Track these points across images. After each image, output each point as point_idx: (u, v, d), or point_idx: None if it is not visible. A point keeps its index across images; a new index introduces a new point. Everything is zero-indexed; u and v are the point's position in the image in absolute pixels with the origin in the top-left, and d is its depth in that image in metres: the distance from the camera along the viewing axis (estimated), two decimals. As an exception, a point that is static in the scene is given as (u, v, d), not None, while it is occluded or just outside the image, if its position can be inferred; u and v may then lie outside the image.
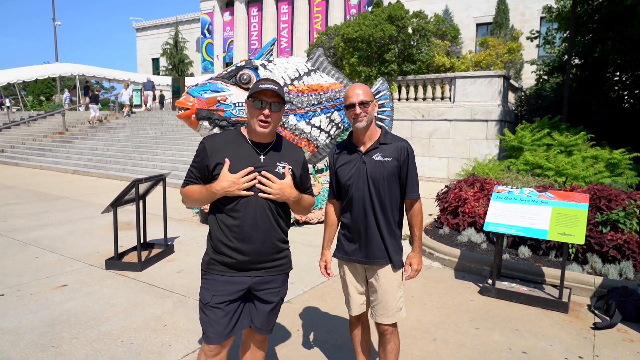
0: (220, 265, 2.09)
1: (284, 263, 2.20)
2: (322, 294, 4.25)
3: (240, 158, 2.03)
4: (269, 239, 2.09)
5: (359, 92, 2.32)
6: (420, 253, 2.43)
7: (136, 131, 17.33)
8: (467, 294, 4.40)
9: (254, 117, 2.03)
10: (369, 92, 2.35)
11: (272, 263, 2.14)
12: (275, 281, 2.18)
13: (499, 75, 11.67)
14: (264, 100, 2.02)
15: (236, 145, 2.08)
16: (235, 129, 2.15)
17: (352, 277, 2.49)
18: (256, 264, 2.10)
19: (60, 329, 3.50)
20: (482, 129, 11.66)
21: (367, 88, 2.37)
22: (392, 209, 2.37)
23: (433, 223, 6.57)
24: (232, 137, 2.11)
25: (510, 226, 4.33)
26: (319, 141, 6.96)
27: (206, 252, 2.17)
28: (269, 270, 2.14)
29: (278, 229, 2.14)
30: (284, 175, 2.08)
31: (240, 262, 2.08)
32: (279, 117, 2.08)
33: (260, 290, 2.15)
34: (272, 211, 2.09)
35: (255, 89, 2.03)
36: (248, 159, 2.04)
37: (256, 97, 2.02)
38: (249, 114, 2.07)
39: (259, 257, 2.09)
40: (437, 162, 12.39)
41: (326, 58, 7.42)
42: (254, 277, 2.11)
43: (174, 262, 5.21)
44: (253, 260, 2.09)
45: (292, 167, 2.13)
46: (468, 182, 6.43)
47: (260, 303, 2.18)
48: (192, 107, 5.76)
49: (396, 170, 2.34)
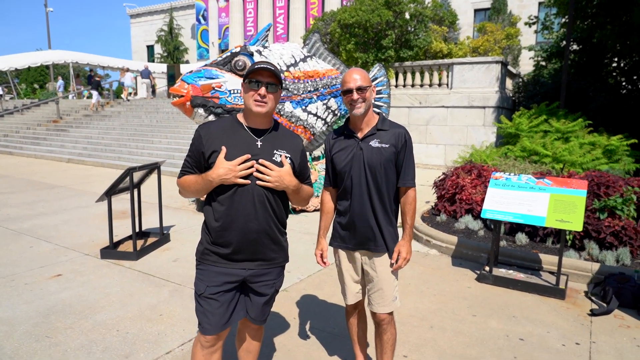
0: (214, 256, 2.05)
1: (280, 256, 2.14)
2: (319, 282, 4.23)
3: (236, 145, 1.97)
4: (265, 230, 2.04)
5: (356, 77, 2.26)
6: (410, 242, 2.38)
7: (131, 119, 17.18)
8: (464, 281, 4.39)
9: (250, 98, 1.98)
10: (367, 77, 2.29)
11: (268, 254, 2.09)
12: (271, 274, 2.13)
13: (496, 62, 11.58)
14: (260, 80, 1.97)
15: (232, 131, 2.02)
16: (231, 116, 2.10)
17: (348, 265, 2.45)
18: (251, 256, 2.05)
19: (55, 319, 3.47)
20: (480, 116, 11.61)
21: (364, 73, 2.30)
22: (388, 197, 2.33)
23: (430, 210, 6.55)
24: (228, 123, 2.05)
25: (508, 213, 4.30)
26: (315, 128, 6.89)
27: (200, 241, 2.11)
28: (264, 262, 2.09)
29: (275, 219, 2.08)
30: (282, 163, 2.02)
31: (234, 254, 2.03)
32: (276, 99, 2.02)
33: (254, 282, 2.10)
34: (269, 201, 2.03)
35: (251, 70, 1.98)
36: (244, 145, 1.98)
37: (252, 78, 1.97)
38: (244, 97, 2.02)
39: (255, 249, 2.04)
40: (435, 149, 12.35)
41: (322, 44, 7.32)
42: (248, 270, 2.07)
43: (170, 251, 5.18)
44: (248, 252, 2.04)
45: (291, 155, 2.07)
46: (465, 169, 6.40)
47: (254, 295, 2.14)
48: (187, 95, 5.68)
49: (393, 156, 2.29)
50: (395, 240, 2.37)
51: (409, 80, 12.97)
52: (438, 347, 3.13)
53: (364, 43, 13.33)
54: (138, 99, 21.38)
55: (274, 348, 3.08)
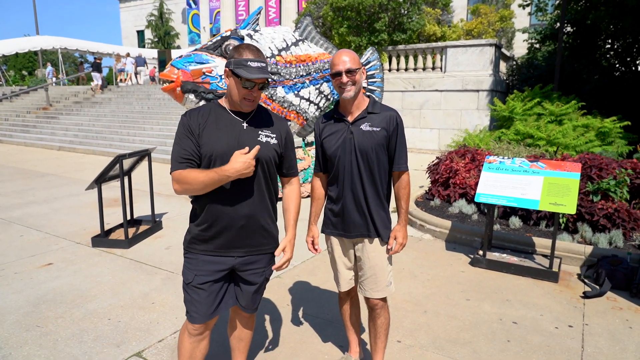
0: (202, 244, 2.00)
1: (269, 242, 2.10)
2: (313, 268, 4.21)
3: (221, 128, 1.93)
4: (255, 215, 1.99)
5: (345, 59, 2.18)
6: (406, 227, 2.35)
7: (122, 106, 16.95)
8: (458, 265, 4.39)
9: (239, 94, 1.92)
10: (356, 59, 2.21)
11: (256, 241, 2.04)
12: (260, 261, 2.09)
13: (490, 44, 11.48)
14: (252, 82, 1.91)
15: (215, 116, 1.97)
16: (212, 103, 2.02)
17: (340, 252, 2.41)
18: (239, 243, 2.01)
19: (46, 308, 3.42)
20: (474, 100, 11.55)
21: (354, 54, 2.22)
22: (380, 181, 2.28)
23: (424, 195, 6.53)
24: (213, 108, 1.99)
25: (502, 197, 4.28)
26: (308, 113, 6.81)
27: (188, 230, 2.06)
28: (253, 249, 2.05)
29: (266, 204, 2.04)
30: (267, 143, 1.98)
31: (222, 240, 1.99)
32: (260, 95, 2.00)
33: (243, 271, 2.07)
34: (259, 185, 1.98)
35: (246, 70, 1.88)
36: (229, 127, 1.94)
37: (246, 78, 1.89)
38: (232, 88, 1.94)
39: (243, 235, 1.99)
40: (428, 133, 12.29)
41: (314, 27, 7.19)
42: (237, 258, 2.03)
43: (162, 239, 5.13)
44: (236, 238, 1.99)
45: (275, 135, 2.02)
46: (459, 153, 6.36)
47: (244, 284, 2.11)
48: (177, 80, 5.56)
49: (385, 140, 2.24)
50: (388, 225, 2.34)
51: (403, 64, 12.85)
52: (432, 332, 3.13)
53: (356, 26, 13.16)
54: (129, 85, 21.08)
55: (267, 335, 3.06)
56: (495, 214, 5.28)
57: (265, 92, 6.21)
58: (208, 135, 1.91)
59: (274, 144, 2.01)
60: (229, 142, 1.92)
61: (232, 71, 1.90)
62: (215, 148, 1.90)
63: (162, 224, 5.60)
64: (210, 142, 1.90)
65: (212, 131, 1.92)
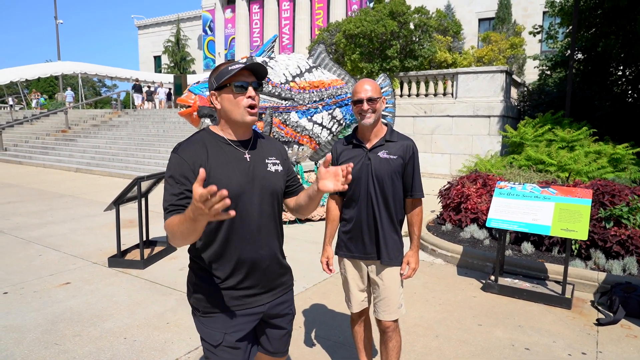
0: (225, 300, 1.72)
1: (289, 277, 1.92)
2: (325, 291, 4.25)
3: (225, 163, 1.68)
4: (274, 254, 1.80)
5: (367, 87, 2.30)
6: (418, 252, 2.44)
7: (138, 129, 17.34)
8: (470, 290, 4.39)
9: (238, 105, 1.68)
10: (378, 89, 2.32)
11: (280, 280, 1.86)
12: (287, 301, 1.90)
13: (501, 71, 11.61)
14: (244, 81, 1.69)
15: (216, 149, 1.70)
16: (205, 132, 1.77)
17: (353, 274, 2.48)
18: (266, 288, 1.80)
19: (63, 327, 3.50)
20: (485, 125, 11.62)
21: (375, 84, 2.34)
22: (394, 207, 2.36)
23: (435, 219, 6.56)
24: (207, 140, 1.72)
25: (513, 222, 4.31)
26: (320, 138, 6.94)
27: (197, 288, 1.74)
28: (278, 290, 1.85)
29: (281, 237, 1.87)
30: (276, 172, 1.79)
31: (248, 290, 1.75)
32: (258, 99, 1.76)
33: (274, 317, 1.86)
34: (275, 220, 1.81)
35: (228, 73, 1.67)
36: (234, 161, 1.70)
37: (236, 82, 1.68)
38: (227, 108, 1.70)
39: (268, 278, 1.80)
40: (440, 158, 12.35)
41: (328, 54, 7.39)
42: (266, 304, 1.81)
43: (176, 260, 5.22)
44: (262, 284, 1.79)
45: (280, 161, 1.84)
46: (470, 178, 6.41)
47: (273, 329, 1.89)
48: (194, 105, 5.76)
49: (401, 168, 2.34)
50: (400, 249, 2.40)
51: (414, 90, 13.02)
52: (443, 357, 3.13)
53: (369, 53, 13.43)
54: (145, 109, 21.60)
55: (280, 356, 3.09)
56: (507, 239, 5.28)
57: (280, 118, 6.37)
58: (214, 176, 1.64)
59: (281, 172, 1.82)
60: (240, 182, 1.68)
61: (218, 87, 1.70)
62: (219, 183, 1.63)
63: (176, 245, 5.69)
64: (219, 184, 1.59)
65: (218, 170, 1.65)
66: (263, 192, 1.73)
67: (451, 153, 12.16)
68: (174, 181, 1.62)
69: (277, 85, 6.34)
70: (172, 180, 1.62)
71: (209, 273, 1.71)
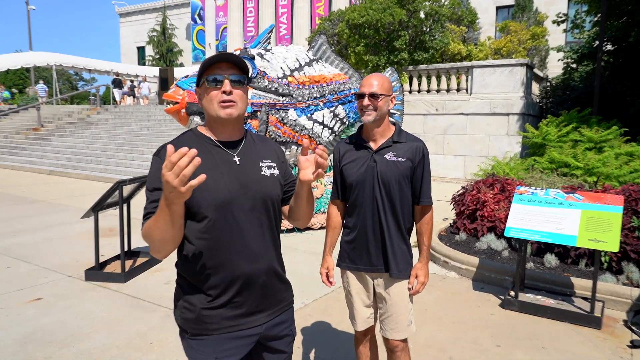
0: (215, 321, 1.69)
1: (289, 294, 1.89)
2: (326, 307, 4.24)
3: (212, 167, 1.67)
4: (273, 267, 1.78)
5: (373, 82, 2.32)
6: (428, 264, 2.44)
7: (120, 127, 17.40)
8: (487, 307, 4.38)
9: (212, 101, 1.68)
10: (386, 86, 2.33)
11: (279, 297, 1.83)
12: (287, 320, 1.87)
13: (521, 64, 11.65)
14: (218, 74, 1.68)
15: (202, 150, 1.66)
16: (191, 132, 1.78)
17: (357, 288, 2.47)
18: (263, 306, 1.78)
19: (34, 348, 3.49)
20: (503, 124, 11.64)
21: (385, 80, 2.35)
22: (402, 214, 2.37)
23: (448, 228, 6.56)
24: (193, 141, 1.72)
25: (535, 231, 4.30)
26: (321, 138, 6.96)
27: (186, 305, 1.72)
28: (277, 309, 1.82)
29: (279, 249, 1.84)
30: (271, 177, 1.78)
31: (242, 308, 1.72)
32: (245, 95, 1.74)
33: (272, 339, 1.83)
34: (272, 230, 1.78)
35: (204, 66, 1.70)
36: (222, 165, 1.69)
37: (208, 75, 1.68)
38: (204, 105, 1.73)
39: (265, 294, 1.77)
40: (453, 160, 12.37)
41: (329, 46, 7.43)
42: (263, 325, 1.78)
43: (161, 273, 5.21)
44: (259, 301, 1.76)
45: (276, 164, 1.83)
46: (487, 182, 6.41)
47: (271, 354, 1.85)
48: (182, 101, 5.77)
49: (409, 172, 2.34)
50: (409, 260, 2.40)
51: (425, 85, 13.07)
52: (458, 381, 3.12)
53: (374, 45, 13.48)
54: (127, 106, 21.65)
55: (276, 381, 3.08)
56: (529, 250, 5.27)
57: (277, 116, 6.38)
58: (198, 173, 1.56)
59: (277, 176, 1.80)
60: (229, 188, 1.66)
61: (198, 83, 1.74)
62: (213, 197, 1.63)
63: (161, 256, 5.69)
64: (205, 190, 1.60)
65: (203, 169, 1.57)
66: (256, 199, 1.71)
67: (465, 155, 12.18)
68: (150, 191, 1.63)
69: (274, 80, 6.36)
70: (151, 185, 1.63)
71: (197, 290, 1.69)
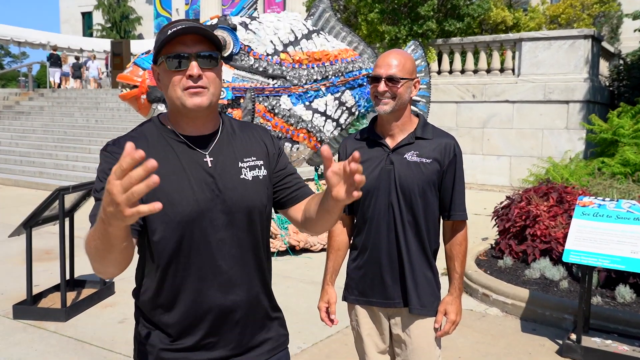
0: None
1: (279, 334, 1.88)
2: (329, 353, 4.26)
3: (176, 171, 1.65)
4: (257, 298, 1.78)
5: (392, 61, 2.31)
6: (460, 298, 2.44)
7: (59, 118, 17.43)
8: (541, 354, 4.40)
9: (175, 87, 1.64)
10: (408, 66, 2.33)
11: (261, 338, 1.81)
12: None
13: (585, 36, 11.68)
14: (183, 51, 1.62)
15: (163, 147, 1.68)
16: (152, 122, 1.76)
17: (369, 328, 2.49)
18: (240, 349, 1.76)
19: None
20: (561, 115, 11.67)
21: (407, 59, 2.35)
22: (427, 231, 2.38)
23: (489, 251, 6.58)
24: (153, 135, 1.71)
25: (603, 256, 4.32)
26: (323, 133, 6.98)
27: (143, 347, 1.76)
28: (261, 355, 1.81)
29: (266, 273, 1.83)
30: (255, 181, 1.75)
31: (212, 351, 1.72)
32: (218, 77, 1.70)
33: None
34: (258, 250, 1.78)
35: (162, 39, 1.63)
36: (189, 167, 1.67)
37: (168, 53, 1.63)
38: (164, 88, 1.69)
39: (242, 333, 1.75)
40: (495, 162, 12.39)
41: (334, 13, 7.46)
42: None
43: (115, 308, 5.23)
44: (232, 341, 1.74)
45: (263, 162, 1.79)
46: (540, 191, 6.43)
47: None
48: (142, 84, 5.80)
49: (436, 176, 2.35)
50: (436, 292, 2.43)
51: (458, 65, 13.11)
52: None
53: (392, 11, 13.52)
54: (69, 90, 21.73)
55: None
56: (595, 280, 5.29)
57: (265, 104, 6.43)
58: (160, 190, 1.50)
59: (264, 178, 1.78)
60: (198, 199, 1.65)
61: (155, 61, 1.69)
62: (177, 212, 1.61)
63: (114, 286, 5.71)
64: (167, 203, 1.55)
65: (165, 182, 1.56)
66: (233, 212, 1.69)
67: (512, 155, 12.20)
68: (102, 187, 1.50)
69: (262, 58, 6.40)
70: (99, 186, 1.58)
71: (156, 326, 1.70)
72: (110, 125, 15.83)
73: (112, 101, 17.44)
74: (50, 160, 14.10)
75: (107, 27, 35.22)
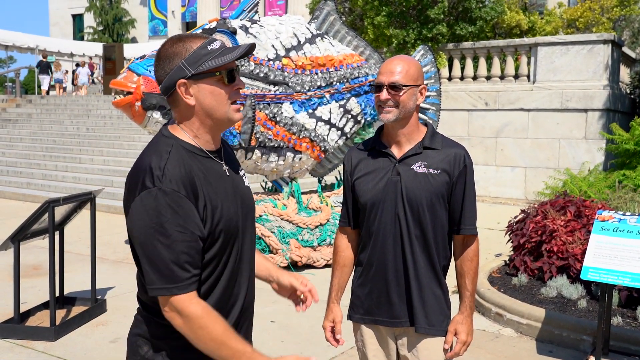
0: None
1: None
2: (333, 377, 4.26)
3: (218, 188, 1.76)
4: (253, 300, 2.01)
5: (395, 68, 2.33)
6: (472, 317, 2.44)
7: (48, 125, 17.48)
8: (557, 378, 4.39)
9: (225, 101, 1.74)
10: (412, 73, 2.34)
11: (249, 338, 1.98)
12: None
13: (605, 41, 11.71)
14: (234, 67, 1.76)
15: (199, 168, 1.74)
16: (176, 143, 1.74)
17: (374, 348, 2.50)
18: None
19: None
20: (579, 124, 11.67)
21: (412, 65, 2.37)
22: (436, 247, 2.39)
23: (502, 268, 6.58)
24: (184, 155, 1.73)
25: (624, 273, 4.32)
26: (327, 142, 7.01)
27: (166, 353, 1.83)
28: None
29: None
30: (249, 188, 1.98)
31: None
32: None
33: None
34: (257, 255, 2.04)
35: (220, 55, 1.70)
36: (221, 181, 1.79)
37: (229, 67, 1.72)
38: (208, 102, 1.73)
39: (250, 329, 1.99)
40: (509, 173, 12.39)
41: (339, 17, 7.51)
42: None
43: (106, 327, 5.24)
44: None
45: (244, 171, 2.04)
46: (557, 204, 6.43)
47: None
48: (137, 91, 5.84)
49: (445, 188, 2.36)
50: (446, 311, 2.44)
51: (470, 71, 13.15)
52: None
53: (400, 14, 13.57)
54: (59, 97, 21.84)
55: None
56: (615, 299, 5.29)
57: (266, 111, 6.46)
58: (213, 208, 1.71)
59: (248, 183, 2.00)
60: (235, 210, 1.81)
61: (197, 75, 1.69)
62: (224, 217, 1.74)
63: (105, 304, 5.72)
64: (223, 220, 1.74)
65: (215, 200, 1.73)
66: (249, 215, 1.91)
67: (527, 166, 12.20)
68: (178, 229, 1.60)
69: (263, 63, 6.44)
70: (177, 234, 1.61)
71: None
72: (102, 134, 15.87)
73: (104, 108, 17.51)
74: (39, 170, 14.13)
75: (99, 30, 35.39)
